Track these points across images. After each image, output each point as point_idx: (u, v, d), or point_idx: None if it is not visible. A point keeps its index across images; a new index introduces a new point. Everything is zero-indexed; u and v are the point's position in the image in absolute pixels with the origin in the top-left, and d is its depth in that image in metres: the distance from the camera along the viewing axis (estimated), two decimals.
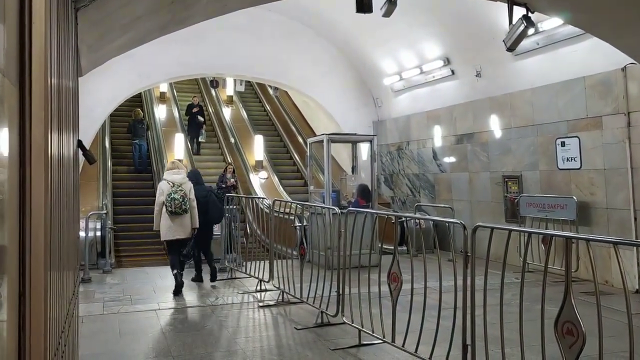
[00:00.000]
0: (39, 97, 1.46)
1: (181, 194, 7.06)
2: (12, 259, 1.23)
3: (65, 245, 2.57)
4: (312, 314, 5.90)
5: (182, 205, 7.04)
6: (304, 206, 8.40)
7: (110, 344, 5.17)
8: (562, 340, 2.91)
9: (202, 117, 15.84)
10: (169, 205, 7.03)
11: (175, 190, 7.06)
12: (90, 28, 4.63)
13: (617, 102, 7.20)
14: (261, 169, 15.14)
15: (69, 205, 2.92)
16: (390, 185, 12.73)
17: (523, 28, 6.00)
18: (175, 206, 7.01)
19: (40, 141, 1.46)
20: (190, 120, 15.70)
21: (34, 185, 1.41)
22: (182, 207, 7.04)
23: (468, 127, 10.13)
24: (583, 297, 5.30)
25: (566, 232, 5.62)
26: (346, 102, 12.86)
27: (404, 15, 8.95)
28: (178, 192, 7.05)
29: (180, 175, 7.28)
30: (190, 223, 7.21)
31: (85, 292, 7.25)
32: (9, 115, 1.19)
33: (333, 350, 4.85)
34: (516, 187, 8.90)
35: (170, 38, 7.61)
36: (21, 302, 1.33)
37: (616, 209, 7.29)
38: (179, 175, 7.26)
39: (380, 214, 5.84)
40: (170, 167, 7.47)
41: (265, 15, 11.75)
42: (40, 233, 1.46)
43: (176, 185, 7.11)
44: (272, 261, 7.08)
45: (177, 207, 7.01)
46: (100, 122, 11.30)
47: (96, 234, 9.07)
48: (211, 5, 5.66)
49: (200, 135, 15.85)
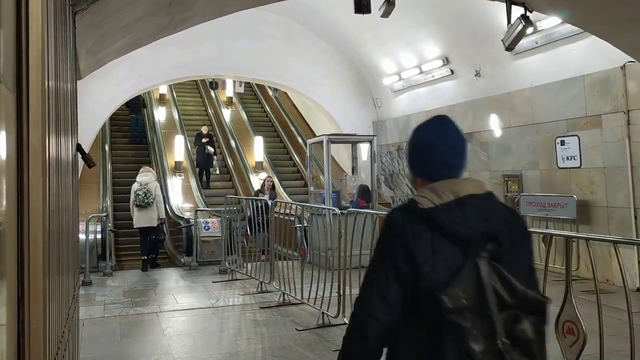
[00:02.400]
0: (36, 101, 1.46)
1: (144, 191, 8.87)
2: (10, 263, 1.23)
3: (65, 249, 2.57)
4: (313, 315, 5.90)
5: (144, 199, 8.83)
6: (304, 207, 8.40)
7: (111, 347, 5.17)
8: (563, 340, 2.92)
9: (213, 147, 14.53)
10: (135, 199, 8.89)
11: (140, 188, 8.90)
12: (89, 31, 4.63)
13: (616, 101, 7.20)
14: (261, 170, 15.15)
15: (68, 208, 2.93)
16: (390, 185, 12.73)
17: (521, 27, 6.00)
18: (140, 200, 8.85)
19: (37, 145, 1.46)
20: (199, 151, 14.36)
21: (31, 189, 1.41)
22: (144, 201, 8.83)
23: (468, 127, 10.11)
24: (583, 296, 5.29)
25: (566, 231, 5.62)
26: (346, 103, 12.86)
27: (403, 15, 8.95)
28: (142, 189, 8.89)
29: (147, 177, 9.10)
30: (157, 215, 9.00)
31: (86, 294, 7.25)
32: (6, 119, 1.19)
33: (334, 351, 4.84)
34: (516, 186, 8.90)
35: (170, 40, 7.62)
36: (20, 306, 1.33)
37: (616, 208, 7.28)
38: (146, 177, 9.10)
39: (381, 214, 5.84)
40: (141, 171, 9.34)
41: (264, 16, 11.76)
42: (39, 237, 1.45)
43: (142, 184, 8.94)
44: (273, 262, 7.09)
45: (140, 201, 8.85)
46: (99, 125, 11.30)
47: (96, 237, 9.06)
48: (209, 7, 5.67)
49: (210, 167, 14.62)
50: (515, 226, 1.63)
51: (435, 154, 1.64)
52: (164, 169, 14.29)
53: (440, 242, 1.51)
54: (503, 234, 1.52)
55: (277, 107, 18.38)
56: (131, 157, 15.34)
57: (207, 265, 9.37)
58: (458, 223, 1.51)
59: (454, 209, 1.53)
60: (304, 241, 8.82)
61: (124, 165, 14.71)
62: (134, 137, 15.90)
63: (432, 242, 1.51)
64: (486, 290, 1.45)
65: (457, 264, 1.48)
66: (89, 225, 8.64)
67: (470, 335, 1.42)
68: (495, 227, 1.53)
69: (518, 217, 1.77)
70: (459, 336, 1.41)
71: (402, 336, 1.55)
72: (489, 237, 1.50)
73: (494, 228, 1.53)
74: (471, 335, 1.42)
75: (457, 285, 1.44)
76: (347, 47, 12.45)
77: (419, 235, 1.52)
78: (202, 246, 9.55)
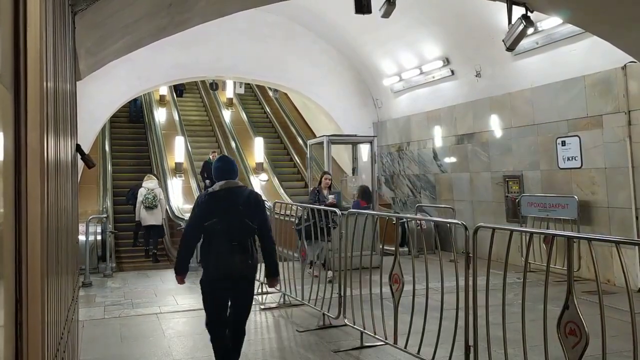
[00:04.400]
0: (35, 102, 1.45)
1: (152, 195, 10.95)
2: (8, 265, 1.22)
3: (64, 250, 2.56)
4: (314, 316, 5.89)
5: (152, 202, 10.90)
6: (305, 208, 8.37)
7: (111, 349, 5.16)
8: (565, 341, 2.90)
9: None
10: (144, 201, 10.89)
11: (148, 192, 10.95)
12: (88, 31, 4.62)
13: (617, 101, 7.19)
14: (261, 171, 15.13)
15: (67, 209, 2.91)
16: (391, 186, 12.72)
17: (522, 27, 5.98)
18: (149, 203, 10.88)
19: (36, 146, 1.44)
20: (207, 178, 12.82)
21: (29, 191, 1.39)
22: (152, 203, 10.89)
23: (468, 127, 10.11)
24: (585, 297, 5.28)
25: (568, 232, 5.61)
26: (346, 103, 12.85)
27: (403, 16, 8.95)
28: (150, 194, 10.95)
29: (152, 183, 11.15)
30: (162, 215, 11.09)
31: (86, 296, 7.24)
32: (4, 120, 1.18)
33: (335, 353, 4.83)
34: (517, 187, 8.89)
35: (170, 41, 7.61)
36: (18, 308, 1.32)
37: (617, 208, 7.27)
38: (152, 183, 11.14)
39: (381, 215, 5.82)
40: (146, 179, 11.32)
41: (265, 17, 11.76)
42: (37, 239, 1.44)
43: (149, 189, 10.97)
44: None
45: (149, 203, 10.89)
46: (100, 126, 11.30)
47: (96, 238, 9.05)
48: (209, 8, 5.66)
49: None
50: (251, 199, 4.05)
51: (219, 170, 4.12)
52: (164, 170, 14.29)
53: (215, 204, 3.96)
54: (243, 202, 3.98)
55: (278, 108, 18.38)
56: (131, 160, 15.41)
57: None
58: (223, 197, 3.99)
59: (222, 191, 4.01)
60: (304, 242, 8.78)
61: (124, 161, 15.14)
62: (132, 117, 17.00)
63: (212, 204, 3.97)
64: (230, 221, 3.88)
65: (219, 213, 3.90)
66: (89, 227, 8.62)
67: (219, 239, 3.87)
68: (239, 199, 3.99)
69: (254, 195, 4.14)
70: (216, 239, 3.89)
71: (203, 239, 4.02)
72: (236, 202, 3.96)
73: (238, 199, 3.98)
74: (219, 239, 3.87)
75: (217, 219, 3.88)
76: (348, 47, 12.45)
77: (207, 201, 3.98)
78: None
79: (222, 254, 3.85)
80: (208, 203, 3.96)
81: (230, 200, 3.95)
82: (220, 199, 3.96)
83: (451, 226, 4.37)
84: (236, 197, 3.98)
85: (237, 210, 3.90)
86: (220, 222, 3.86)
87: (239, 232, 3.89)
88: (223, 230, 3.84)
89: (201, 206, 3.99)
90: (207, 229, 3.90)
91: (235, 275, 3.90)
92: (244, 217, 3.91)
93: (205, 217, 3.91)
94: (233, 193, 4.00)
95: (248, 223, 3.92)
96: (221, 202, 3.94)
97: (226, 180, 4.02)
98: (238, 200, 3.96)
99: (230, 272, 3.87)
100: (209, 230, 3.89)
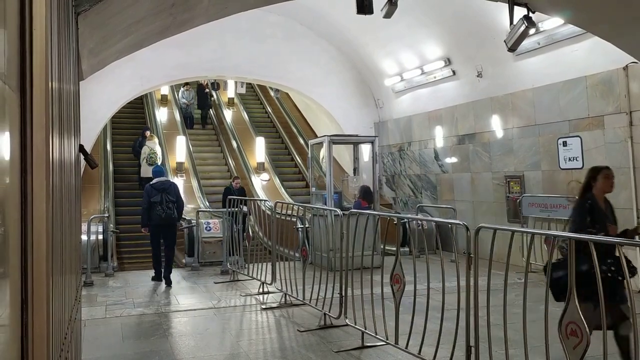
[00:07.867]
0: (40, 103, 1.46)
1: (154, 153, 12.59)
2: (14, 264, 1.23)
3: (67, 250, 2.57)
4: (315, 316, 5.90)
5: (154, 160, 12.34)
6: (306, 208, 8.39)
7: (113, 348, 5.17)
8: (566, 341, 2.91)
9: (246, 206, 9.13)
10: (148, 160, 12.35)
11: (151, 152, 12.51)
12: (91, 32, 4.64)
13: (618, 101, 7.19)
14: (263, 171, 15.14)
15: (71, 209, 2.93)
16: (392, 186, 12.73)
17: (524, 28, 5.99)
18: (152, 160, 12.15)
19: (41, 147, 1.45)
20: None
21: (35, 191, 1.40)
22: (154, 161, 12.13)
23: (469, 127, 10.12)
24: None
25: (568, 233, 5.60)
26: (347, 103, 12.86)
27: (405, 16, 8.95)
28: (153, 153, 12.54)
29: (154, 142, 12.75)
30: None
31: (88, 295, 7.25)
32: (10, 121, 1.19)
33: (336, 353, 4.84)
34: (518, 187, 8.89)
35: (172, 41, 7.62)
36: (23, 307, 1.33)
37: (619, 208, 7.23)
38: (153, 142, 12.70)
39: (382, 215, 5.83)
40: (149, 138, 12.81)
41: (266, 17, 11.77)
42: (42, 239, 1.45)
43: (151, 149, 12.52)
44: (275, 263, 7.08)
45: (152, 161, 12.16)
46: (101, 126, 11.32)
47: (98, 237, 9.06)
48: (212, 8, 5.67)
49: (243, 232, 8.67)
50: (172, 186, 8.43)
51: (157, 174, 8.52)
52: (166, 170, 14.27)
53: (155, 191, 8.15)
54: (168, 188, 8.28)
55: (279, 108, 18.38)
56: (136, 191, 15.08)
57: (208, 266, 9.38)
58: (158, 187, 8.19)
59: (157, 183, 8.26)
60: (305, 242, 8.80)
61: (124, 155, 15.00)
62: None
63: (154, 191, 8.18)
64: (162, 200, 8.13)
65: (159, 196, 8.12)
66: (91, 226, 8.64)
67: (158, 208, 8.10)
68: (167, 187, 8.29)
69: (172, 184, 8.54)
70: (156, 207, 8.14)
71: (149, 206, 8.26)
72: (164, 188, 8.22)
73: (166, 187, 8.27)
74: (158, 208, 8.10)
75: (157, 198, 8.10)
76: (349, 47, 12.46)
77: (150, 190, 8.18)
78: (203, 247, 9.56)
79: (158, 213, 8.02)
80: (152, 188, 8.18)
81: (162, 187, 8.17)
82: (157, 188, 8.16)
83: (452, 226, 4.38)
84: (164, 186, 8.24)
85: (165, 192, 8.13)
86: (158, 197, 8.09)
87: (166, 202, 8.05)
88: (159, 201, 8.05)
89: (148, 190, 8.20)
90: (151, 201, 8.04)
91: (164, 223, 8.09)
92: (168, 194, 8.10)
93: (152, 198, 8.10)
94: (163, 184, 8.26)
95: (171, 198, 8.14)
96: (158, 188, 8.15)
97: (159, 178, 8.31)
98: (165, 187, 8.21)
99: (162, 222, 8.07)
100: (152, 202, 8.03)
